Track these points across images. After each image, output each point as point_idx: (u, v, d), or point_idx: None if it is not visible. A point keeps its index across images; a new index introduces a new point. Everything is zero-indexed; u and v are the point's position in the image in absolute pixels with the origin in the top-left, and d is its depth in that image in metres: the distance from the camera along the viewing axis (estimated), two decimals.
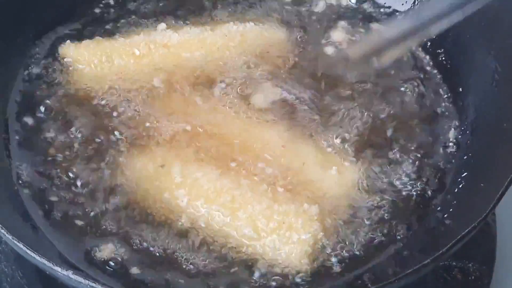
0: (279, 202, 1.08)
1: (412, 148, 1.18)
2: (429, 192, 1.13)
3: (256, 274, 1.04)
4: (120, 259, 1.04)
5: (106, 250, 1.05)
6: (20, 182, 1.12)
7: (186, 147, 1.15)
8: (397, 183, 1.14)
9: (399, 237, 1.08)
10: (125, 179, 1.12)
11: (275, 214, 1.06)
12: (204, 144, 1.15)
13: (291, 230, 1.05)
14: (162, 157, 1.14)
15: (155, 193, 1.10)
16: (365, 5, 1.37)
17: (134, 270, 1.04)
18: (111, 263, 1.04)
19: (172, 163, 1.12)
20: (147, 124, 1.18)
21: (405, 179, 1.14)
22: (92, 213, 1.09)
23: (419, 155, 1.17)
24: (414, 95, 1.24)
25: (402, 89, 1.25)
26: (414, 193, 1.13)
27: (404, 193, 1.13)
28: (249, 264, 1.05)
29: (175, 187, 1.10)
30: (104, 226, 1.08)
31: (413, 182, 1.14)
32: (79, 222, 1.08)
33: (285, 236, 1.05)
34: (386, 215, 1.10)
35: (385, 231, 1.08)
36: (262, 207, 1.07)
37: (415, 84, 1.26)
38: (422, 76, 1.27)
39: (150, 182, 1.11)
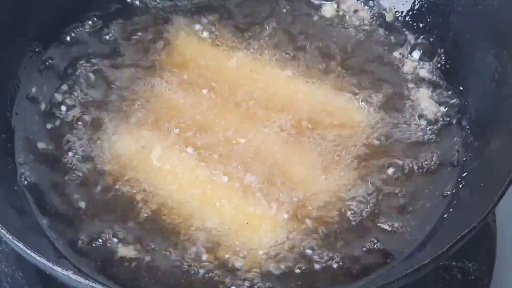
0: (250, 202, 1.09)
1: (412, 148, 1.18)
2: (429, 193, 1.13)
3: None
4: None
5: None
6: (23, 181, 1.13)
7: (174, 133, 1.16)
8: (396, 185, 1.14)
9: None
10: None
11: (241, 214, 1.08)
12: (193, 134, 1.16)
13: (254, 232, 1.06)
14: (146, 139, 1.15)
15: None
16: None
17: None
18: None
19: (154, 146, 1.14)
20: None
21: (405, 179, 1.14)
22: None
23: (418, 156, 1.17)
24: (414, 95, 1.24)
25: (403, 89, 1.25)
26: (413, 193, 1.13)
27: (403, 194, 1.13)
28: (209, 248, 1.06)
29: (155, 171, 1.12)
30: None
31: (412, 182, 1.14)
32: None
33: (247, 236, 1.06)
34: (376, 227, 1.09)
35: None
36: (232, 204, 1.08)
37: (416, 84, 1.26)
38: (422, 76, 1.27)
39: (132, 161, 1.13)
